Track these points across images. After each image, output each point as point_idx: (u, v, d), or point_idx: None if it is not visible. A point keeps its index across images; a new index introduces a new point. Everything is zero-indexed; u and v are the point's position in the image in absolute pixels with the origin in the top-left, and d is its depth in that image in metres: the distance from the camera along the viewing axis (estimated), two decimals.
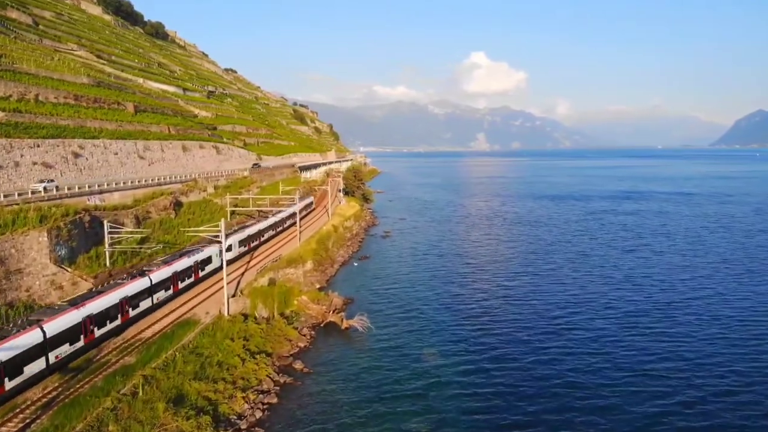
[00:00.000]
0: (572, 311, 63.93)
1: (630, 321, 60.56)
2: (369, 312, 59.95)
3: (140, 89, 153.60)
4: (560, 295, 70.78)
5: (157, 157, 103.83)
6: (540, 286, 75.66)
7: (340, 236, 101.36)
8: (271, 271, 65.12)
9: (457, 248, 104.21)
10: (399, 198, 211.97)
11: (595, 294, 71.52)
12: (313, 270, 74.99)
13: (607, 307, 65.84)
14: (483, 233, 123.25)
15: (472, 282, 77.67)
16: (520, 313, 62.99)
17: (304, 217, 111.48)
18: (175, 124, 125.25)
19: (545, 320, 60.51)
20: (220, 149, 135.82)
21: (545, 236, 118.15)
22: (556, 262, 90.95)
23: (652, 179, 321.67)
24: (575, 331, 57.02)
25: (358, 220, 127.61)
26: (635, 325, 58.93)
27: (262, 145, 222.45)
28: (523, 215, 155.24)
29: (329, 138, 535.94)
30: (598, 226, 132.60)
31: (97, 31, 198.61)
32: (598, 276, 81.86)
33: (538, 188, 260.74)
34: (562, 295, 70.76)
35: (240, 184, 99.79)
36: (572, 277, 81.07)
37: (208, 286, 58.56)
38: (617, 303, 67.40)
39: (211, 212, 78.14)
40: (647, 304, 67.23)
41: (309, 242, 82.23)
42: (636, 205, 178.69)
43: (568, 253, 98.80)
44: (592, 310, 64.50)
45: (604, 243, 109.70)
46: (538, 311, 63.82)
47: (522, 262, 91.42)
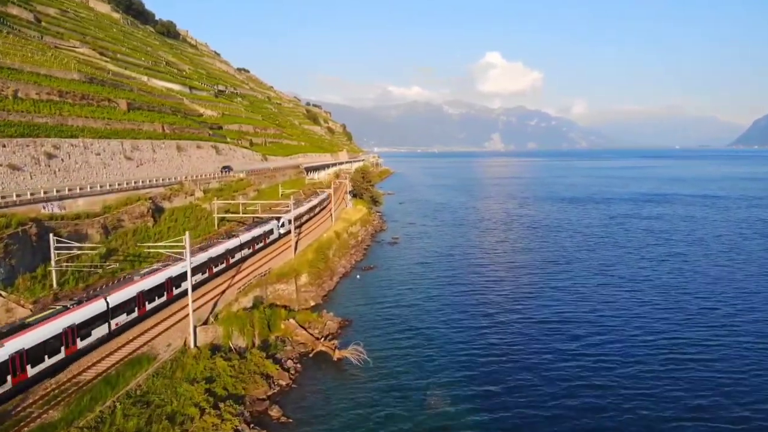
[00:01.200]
0: (603, 338, 55.18)
1: (673, 350, 51.82)
2: (367, 337, 51.88)
3: (143, 87, 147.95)
4: (588, 318, 62.01)
5: (147, 158, 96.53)
6: (564, 306, 66.79)
7: (343, 243, 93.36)
8: (258, 288, 57.25)
9: (470, 258, 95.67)
10: (410, 200, 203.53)
11: (628, 316, 62.67)
12: (308, 284, 67.00)
13: (644, 331, 57.00)
14: (498, 240, 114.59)
15: (485, 300, 69.09)
16: (544, 342, 54.06)
17: (306, 222, 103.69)
18: (171, 122, 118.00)
19: (573, 353, 51.68)
20: (220, 149, 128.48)
21: (566, 243, 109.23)
22: (581, 275, 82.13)
23: (673, 180, 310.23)
24: (609, 366, 48.25)
25: (364, 224, 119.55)
26: (679, 355, 50.21)
27: (270, 145, 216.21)
28: (541, 219, 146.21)
29: (342, 138, 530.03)
30: (623, 233, 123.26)
31: (105, 29, 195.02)
32: (628, 292, 72.96)
33: (555, 190, 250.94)
34: (589, 318, 62.00)
35: (235, 186, 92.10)
36: (600, 294, 72.19)
37: (181, 308, 50.70)
38: (655, 327, 58.55)
39: (196, 219, 70.53)
40: (692, 328, 58.27)
41: (305, 252, 74.19)
42: (660, 209, 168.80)
43: (592, 264, 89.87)
44: (627, 337, 55.64)
45: (632, 252, 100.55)
46: (565, 342, 54.83)
47: (542, 276, 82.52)
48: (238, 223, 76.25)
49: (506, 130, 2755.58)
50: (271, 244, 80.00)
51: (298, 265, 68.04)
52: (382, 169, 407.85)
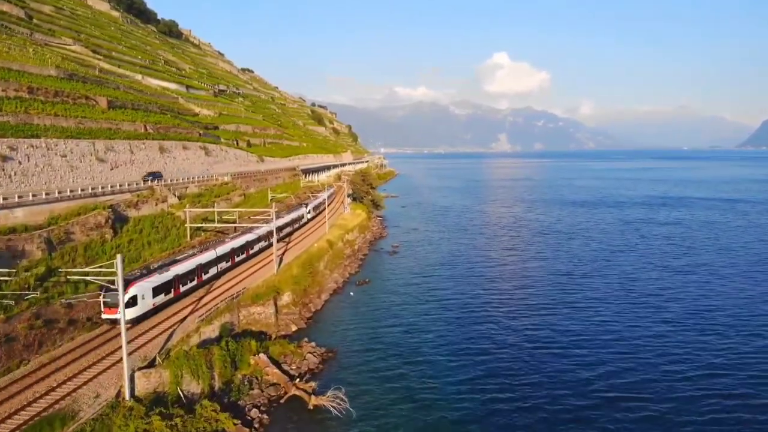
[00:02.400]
0: (628, 366, 46.90)
1: (705, 383, 43.39)
2: (353, 375, 43.82)
3: (136, 86, 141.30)
4: (612, 345, 53.59)
5: (124, 160, 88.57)
6: (584, 331, 58.24)
7: (337, 253, 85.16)
8: (228, 314, 49.06)
9: (475, 270, 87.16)
10: (413, 203, 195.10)
11: (655, 341, 54.21)
12: (291, 304, 58.89)
13: (674, 359, 48.67)
14: (505, 248, 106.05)
15: (493, 322, 60.64)
16: (562, 385, 45.63)
17: (297, 230, 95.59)
18: (156, 122, 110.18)
19: (598, 390, 43.39)
20: (210, 150, 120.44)
21: (580, 253, 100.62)
22: (599, 292, 73.49)
23: (686, 183, 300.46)
24: (636, 405, 39.99)
25: (363, 231, 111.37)
26: (714, 391, 41.76)
27: (269, 145, 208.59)
28: (551, 225, 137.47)
29: (347, 139, 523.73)
30: (640, 240, 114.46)
31: (102, 27, 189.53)
32: (653, 312, 64.37)
33: (564, 192, 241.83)
34: (614, 345, 53.57)
35: (217, 191, 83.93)
36: (622, 314, 63.67)
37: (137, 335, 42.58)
38: (685, 353, 50.20)
39: (166, 229, 62.51)
40: (727, 356, 49.89)
41: (290, 266, 65.95)
42: (677, 213, 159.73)
43: (610, 278, 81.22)
44: (656, 367, 47.32)
45: (652, 263, 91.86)
46: (586, 376, 46.50)
47: (556, 293, 73.78)
48: (217, 233, 68.15)
49: (513, 130, 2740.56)
50: (255, 256, 71.91)
51: (280, 282, 59.86)
52: (387, 170, 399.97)
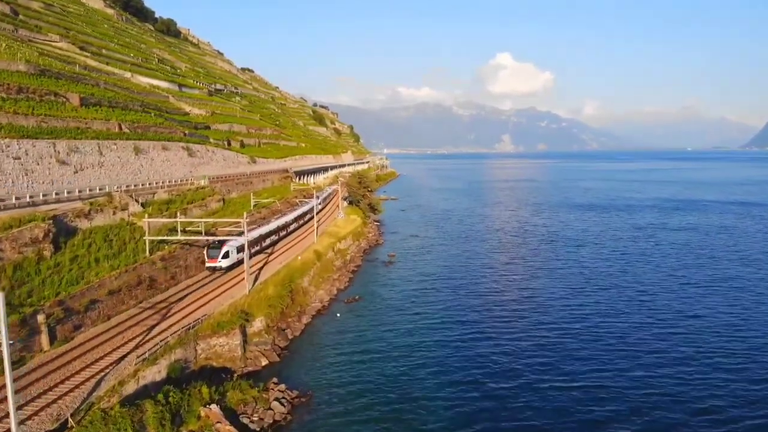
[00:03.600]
0: (654, 404, 38.49)
1: None
2: (328, 429, 35.50)
3: (122, 83, 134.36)
4: (637, 376, 45.20)
5: (92, 162, 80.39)
6: (605, 358, 49.91)
7: (325, 266, 76.82)
8: (180, 349, 40.77)
9: (478, 284, 78.51)
10: (414, 206, 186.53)
11: (687, 376, 45.86)
12: (264, 331, 50.61)
13: (709, 394, 40.22)
14: (511, 258, 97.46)
15: (499, 353, 52.03)
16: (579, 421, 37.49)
17: (281, 240, 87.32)
18: (133, 120, 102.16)
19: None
20: (194, 150, 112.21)
21: (591, 263, 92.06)
22: (615, 310, 64.95)
23: (696, 184, 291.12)
24: None
25: (357, 238, 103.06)
26: None
27: (264, 146, 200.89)
28: (559, 231, 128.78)
29: (349, 139, 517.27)
30: (654, 248, 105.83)
31: (94, 25, 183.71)
32: (679, 336, 55.99)
33: (571, 195, 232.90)
34: (638, 376, 45.18)
35: (190, 197, 75.45)
36: (644, 337, 55.24)
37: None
38: (726, 386, 41.76)
39: (122, 242, 54.12)
40: None
41: (266, 285, 57.59)
42: (691, 218, 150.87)
43: (627, 293, 72.58)
44: (688, 404, 38.90)
45: (672, 275, 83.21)
46: (608, 409, 38.27)
47: (568, 312, 65.18)
48: (183, 246, 59.68)
49: (516, 131, 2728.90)
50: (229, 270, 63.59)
51: (252, 304, 51.54)
52: (388, 171, 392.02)
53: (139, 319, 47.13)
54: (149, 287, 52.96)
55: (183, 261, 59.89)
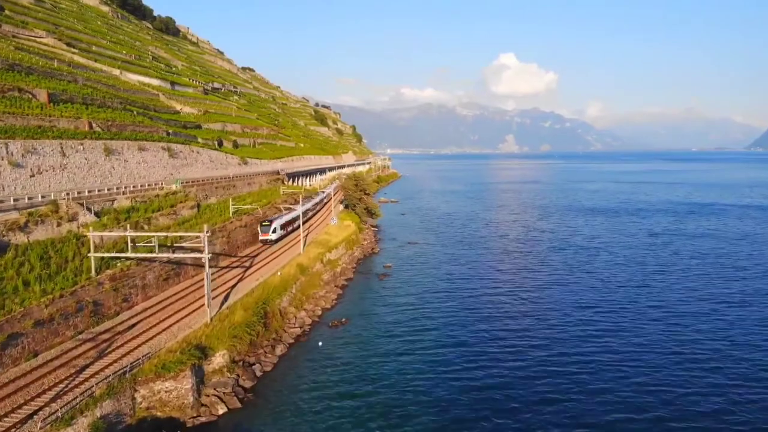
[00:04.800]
0: None
1: None
2: None
3: (107, 81, 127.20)
4: (662, 415, 36.88)
5: (52, 164, 72.17)
6: (628, 402, 41.52)
7: (310, 281, 68.46)
8: (110, 400, 32.49)
9: (481, 301, 69.90)
10: (414, 209, 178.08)
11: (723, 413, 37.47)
12: (226, 368, 42.29)
13: None
14: (517, 269, 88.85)
15: (507, 394, 43.68)
16: None
17: (262, 252, 78.95)
18: (107, 118, 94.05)
19: None
20: (176, 151, 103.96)
21: (605, 275, 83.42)
22: (637, 333, 56.51)
23: (706, 186, 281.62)
24: None
25: (350, 247, 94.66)
26: None
27: (260, 146, 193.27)
28: (568, 238, 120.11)
29: (351, 139, 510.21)
30: (674, 258, 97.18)
31: (87, 21, 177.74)
32: (715, 364, 47.60)
33: (578, 197, 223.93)
34: (665, 414, 36.85)
35: (157, 204, 66.66)
36: (675, 371, 46.84)
37: None
38: None
39: (63, 261, 45.72)
40: None
41: (234, 309, 49.25)
42: (708, 224, 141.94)
43: (647, 310, 64.18)
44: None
45: (696, 289, 74.57)
46: None
47: (583, 338, 56.80)
48: (140, 263, 51.20)
49: (520, 131, 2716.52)
50: None
51: (213, 335, 43.23)
52: (390, 172, 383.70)
53: (72, 355, 38.82)
54: (93, 314, 44.65)
55: (140, 280, 51.55)
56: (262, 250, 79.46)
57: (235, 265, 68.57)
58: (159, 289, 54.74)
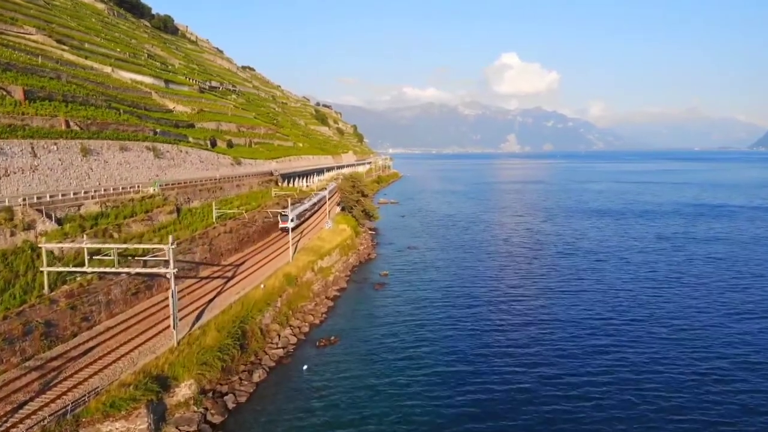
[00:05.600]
0: None
1: None
2: None
3: (96, 78, 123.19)
4: None
5: (21, 165, 66.92)
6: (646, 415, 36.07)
7: (299, 293, 63.00)
8: None
9: (484, 312, 64.44)
10: (414, 211, 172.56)
11: None
12: (193, 401, 36.88)
13: None
14: (521, 277, 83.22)
15: (513, 415, 38.29)
16: None
17: (247, 261, 73.53)
18: (86, 117, 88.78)
19: None
20: (162, 151, 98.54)
21: (616, 284, 77.77)
22: (654, 345, 50.99)
23: (713, 186, 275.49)
24: None
25: (345, 253, 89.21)
26: None
27: (256, 145, 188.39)
28: (574, 242, 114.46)
29: (352, 139, 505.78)
30: (686, 264, 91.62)
31: (81, 19, 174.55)
32: (741, 383, 42.11)
33: (583, 198, 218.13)
34: None
35: (129, 209, 60.80)
36: (696, 398, 41.37)
37: None
38: None
39: (13, 276, 40.21)
40: None
41: (206, 329, 43.78)
42: (719, 226, 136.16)
43: (664, 325, 58.58)
44: None
45: (715, 300, 68.97)
46: None
47: (594, 349, 51.39)
48: (102, 277, 45.52)
49: (522, 131, 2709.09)
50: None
51: (178, 363, 37.76)
52: (391, 172, 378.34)
53: (13, 388, 33.44)
54: (44, 336, 39.28)
55: (104, 295, 46.15)
56: (248, 257, 74.07)
57: (217, 275, 63.12)
58: (127, 305, 49.33)
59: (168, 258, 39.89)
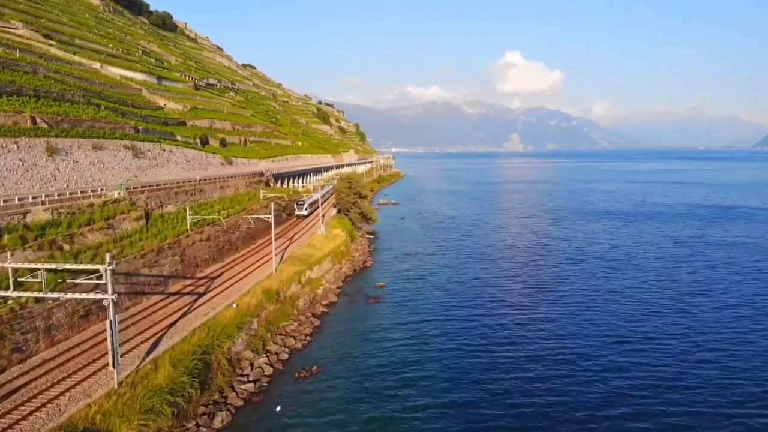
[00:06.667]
0: None
1: None
2: None
3: (80, 74, 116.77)
4: None
5: None
6: None
7: (282, 309, 55.85)
8: None
9: (490, 331, 57.07)
10: (415, 213, 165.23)
11: None
12: None
13: None
14: (531, 288, 75.74)
15: None
16: None
17: (227, 271, 66.32)
18: (57, 113, 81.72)
19: None
20: (142, 150, 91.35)
21: (634, 296, 70.44)
22: (682, 373, 43.67)
23: (724, 187, 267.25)
24: None
25: (338, 261, 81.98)
26: None
27: (252, 144, 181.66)
28: (584, 247, 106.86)
29: (354, 138, 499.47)
30: (707, 271, 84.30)
31: (73, 14, 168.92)
32: None
33: (591, 199, 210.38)
34: None
35: (87, 216, 53.24)
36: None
37: None
38: None
39: None
40: None
41: (159, 364, 36.59)
42: (736, 230, 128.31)
43: (692, 343, 51.42)
44: None
45: (744, 315, 61.87)
46: None
47: (612, 373, 44.13)
48: (39, 300, 38.43)
49: (525, 130, 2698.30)
50: None
51: (114, 412, 30.68)
52: (393, 171, 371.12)
53: None
54: None
55: (43, 320, 39.08)
56: (228, 268, 66.79)
57: (188, 290, 55.94)
58: (74, 330, 42.19)
59: (106, 281, 32.72)
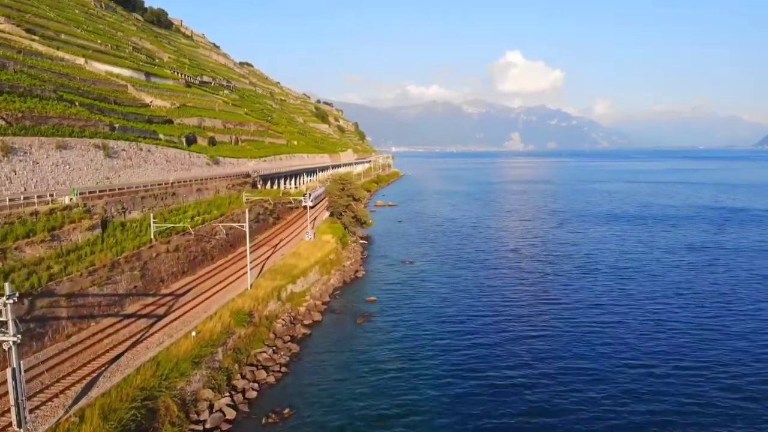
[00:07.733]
0: None
1: None
2: None
3: (66, 70, 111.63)
4: None
5: None
6: None
7: (255, 333, 48.66)
8: None
9: (493, 360, 49.78)
10: (413, 215, 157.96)
11: None
12: None
13: None
14: (536, 301, 68.31)
15: None
16: None
17: (198, 285, 59.14)
18: (21, 108, 74.67)
19: None
20: (115, 150, 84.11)
21: (652, 312, 63.25)
22: (710, 406, 36.65)
23: (730, 187, 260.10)
24: None
25: (326, 271, 74.77)
26: None
27: (244, 143, 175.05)
28: (592, 253, 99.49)
29: (353, 137, 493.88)
30: (730, 281, 77.15)
31: (62, 10, 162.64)
32: None
33: (594, 200, 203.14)
34: None
35: (28, 226, 45.32)
36: None
37: None
38: None
39: None
40: None
41: (89, 413, 29.58)
42: (753, 234, 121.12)
43: (721, 367, 44.32)
44: None
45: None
46: None
47: (631, 401, 37.07)
48: None
49: (526, 129, 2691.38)
50: None
51: None
52: (392, 171, 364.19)
53: None
54: None
55: None
56: (199, 282, 59.61)
57: (147, 311, 48.72)
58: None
59: (6, 318, 25.59)
